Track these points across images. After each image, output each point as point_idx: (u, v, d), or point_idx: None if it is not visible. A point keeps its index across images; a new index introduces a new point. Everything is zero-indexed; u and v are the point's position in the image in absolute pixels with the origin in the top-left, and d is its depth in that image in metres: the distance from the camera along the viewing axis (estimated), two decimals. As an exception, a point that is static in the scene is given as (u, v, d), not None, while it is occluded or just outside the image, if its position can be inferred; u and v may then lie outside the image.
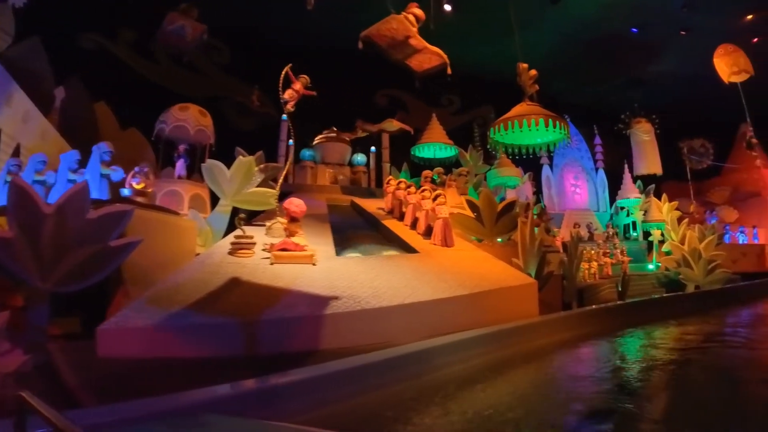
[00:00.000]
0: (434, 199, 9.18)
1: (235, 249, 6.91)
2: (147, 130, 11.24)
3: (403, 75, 9.83)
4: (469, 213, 10.68)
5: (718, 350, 6.65)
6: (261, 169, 9.18)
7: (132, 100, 12.94)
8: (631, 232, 17.25)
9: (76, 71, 12.06)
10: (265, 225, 8.05)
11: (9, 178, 7.12)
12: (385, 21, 8.35)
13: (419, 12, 8.61)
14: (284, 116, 8.98)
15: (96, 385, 3.85)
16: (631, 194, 17.25)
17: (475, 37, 18.20)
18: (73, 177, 8.27)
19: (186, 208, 9.53)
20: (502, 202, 11.15)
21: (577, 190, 18.24)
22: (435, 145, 15.54)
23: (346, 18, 9.44)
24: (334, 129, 14.43)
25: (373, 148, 14.74)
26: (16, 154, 8.89)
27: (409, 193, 10.10)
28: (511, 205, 10.79)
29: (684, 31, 18.17)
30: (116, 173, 8.50)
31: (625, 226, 17.54)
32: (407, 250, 8.43)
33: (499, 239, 10.67)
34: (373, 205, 11.45)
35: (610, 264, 12.40)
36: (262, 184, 9.35)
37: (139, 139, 11.92)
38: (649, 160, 19.22)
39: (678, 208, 15.31)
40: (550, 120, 10.43)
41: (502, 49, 14.68)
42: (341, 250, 7.97)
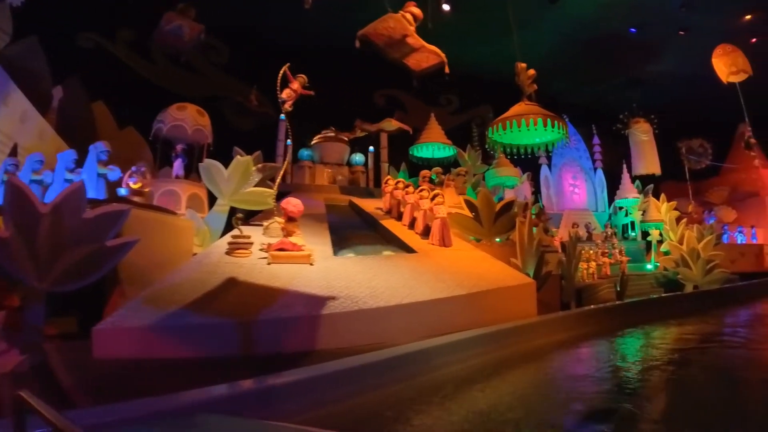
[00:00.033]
0: (432, 199, 9.17)
1: (233, 249, 6.89)
2: (145, 129, 11.24)
3: (402, 75, 9.76)
4: (468, 213, 10.67)
5: (717, 350, 6.63)
6: (259, 168, 9.16)
7: (130, 100, 12.92)
8: (630, 232, 17.27)
9: (74, 71, 12.04)
10: (263, 225, 8.04)
11: (6, 178, 7.09)
12: (382, 20, 8.27)
13: (417, 11, 8.52)
14: (282, 116, 8.96)
15: (90, 386, 3.83)
16: (630, 194, 17.28)
17: (473, 37, 18.20)
18: (70, 176, 8.26)
19: (183, 208, 9.52)
20: (501, 201, 11.16)
21: (576, 190, 18.25)
22: (433, 145, 15.53)
23: (344, 17, 9.42)
24: (333, 129, 14.42)
25: (371, 148, 14.74)
26: (13, 154, 8.88)
27: (407, 193, 10.08)
28: (510, 205, 10.79)
29: (683, 31, 18.19)
30: (113, 173, 8.49)
31: (624, 226, 17.57)
32: (405, 249, 8.40)
33: (498, 239, 10.67)
34: (372, 204, 11.43)
35: (609, 264, 12.41)
36: (260, 184, 9.33)
37: (137, 139, 11.91)
38: (647, 160, 19.24)
39: (676, 208, 15.28)
40: (549, 120, 10.39)
41: (500, 49, 14.64)
42: (339, 250, 7.95)
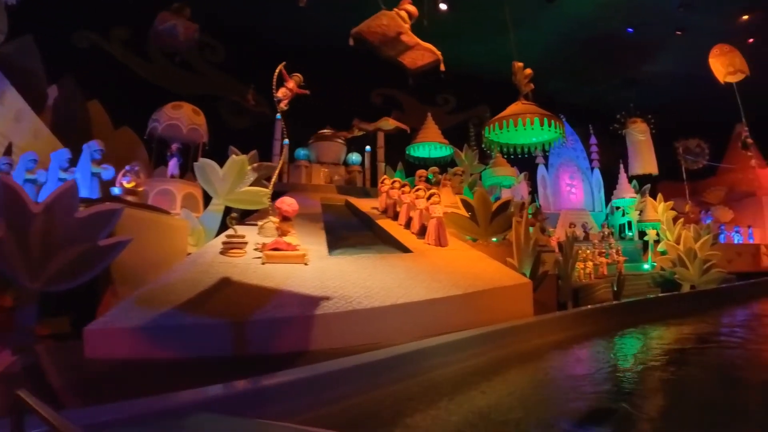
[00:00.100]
0: (428, 199, 9.14)
1: (227, 248, 6.85)
2: (140, 128, 11.18)
3: (399, 74, 9.70)
4: (464, 212, 10.65)
5: (715, 350, 6.64)
6: (254, 168, 9.13)
7: (125, 99, 12.87)
8: (627, 231, 17.28)
9: (69, 70, 11.99)
10: (258, 224, 8.00)
11: (-1, 177, 7.06)
12: (375, 17, 8.16)
13: (412, 8, 8.43)
14: (278, 115, 8.92)
15: (80, 387, 3.80)
16: (627, 194, 17.30)
17: (470, 36, 18.18)
18: (64, 176, 8.23)
19: (178, 208, 9.47)
20: (497, 201, 11.13)
21: (573, 190, 18.26)
22: (430, 145, 15.49)
23: (340, 16, 9.36)
24: (329, 128, 14.38)
25: (368, 148, 14.72)
26: (7, 153, 8.83)
27: (403, 193, 10.06)
28: (506, 205, 10.77)
29: (680, 31, 18.21)
30: (107, 172, 8.46)
31: (621, 225, 17.57)
32: (401, 249, 8.35)
33: (494, 239, 10.65)
34: (368, 204, 11.41)
35: (606, 264, 12.41)
36: (256, 184, 9.31)
37: (132, 138, 11.86)
38: (644, 160, 19.24)
39: (673, 208, 15.29)
40: (545, 119, 10.36)
41: (497, 48, 14.64)
42: (334, 250, 7.90)
